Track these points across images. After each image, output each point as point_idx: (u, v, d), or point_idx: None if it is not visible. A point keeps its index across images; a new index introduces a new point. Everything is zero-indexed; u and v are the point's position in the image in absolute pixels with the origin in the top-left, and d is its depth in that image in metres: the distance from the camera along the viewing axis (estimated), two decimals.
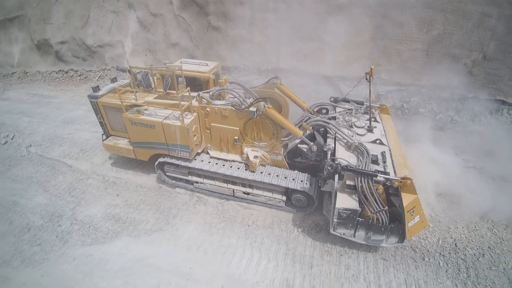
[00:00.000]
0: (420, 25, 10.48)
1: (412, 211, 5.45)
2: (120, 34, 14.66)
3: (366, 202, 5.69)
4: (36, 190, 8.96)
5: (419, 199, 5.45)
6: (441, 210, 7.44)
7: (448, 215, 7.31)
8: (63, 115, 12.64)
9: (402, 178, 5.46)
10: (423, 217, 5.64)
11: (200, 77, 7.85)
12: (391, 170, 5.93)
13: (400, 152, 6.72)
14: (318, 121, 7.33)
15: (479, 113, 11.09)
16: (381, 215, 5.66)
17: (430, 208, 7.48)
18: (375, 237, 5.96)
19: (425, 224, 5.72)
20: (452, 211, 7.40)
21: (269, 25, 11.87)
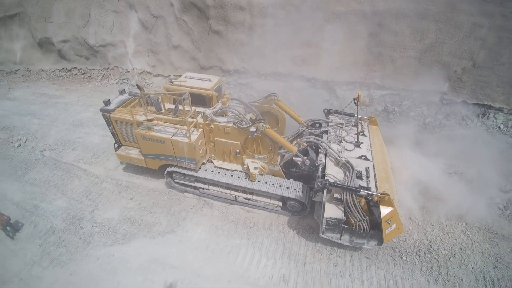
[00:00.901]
0: (414, 34, 10.96)
1: (389, 220, 6.36)
2: (122, 34, 14.91)
3: (350, 213, 6.60)
4: (55, 194, 9.81)
5: (396, 210, 6.34)
6: (420, 214, 8.42)
7: (426, 218, 8.30)
8: (71, 118, 13.24)
9: (381, 194, 6.34)
10: (400, 224, 6.56)
11: (204, 94, 8.46)
12: (373, 185, 6.79)
13: (383, 165, 7.55)
14: (311, 139, 8.04)
15: (466, 117, 11.84)
16: (363, 223, 6.60)
17: (410, 212, 8.45)
18: (357, 240, 6.92)
19: (401, 230, 6.66)
20: (430, 215, 8.39)
21: (268, 31, 12.24)
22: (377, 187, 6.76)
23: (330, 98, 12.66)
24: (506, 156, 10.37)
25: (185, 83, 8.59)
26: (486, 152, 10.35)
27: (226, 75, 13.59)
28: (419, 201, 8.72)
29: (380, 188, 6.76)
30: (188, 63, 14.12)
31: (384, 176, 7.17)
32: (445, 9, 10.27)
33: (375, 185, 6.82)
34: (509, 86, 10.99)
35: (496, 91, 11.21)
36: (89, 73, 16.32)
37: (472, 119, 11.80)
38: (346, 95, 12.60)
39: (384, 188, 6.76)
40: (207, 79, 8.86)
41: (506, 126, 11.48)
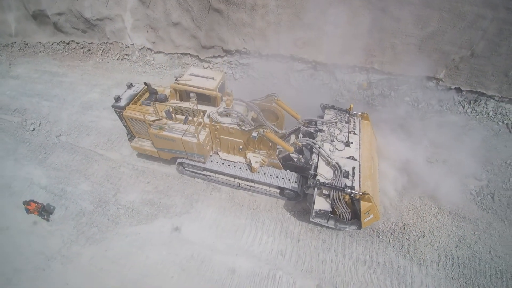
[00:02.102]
0: (416, 21, 10.92)
1: (367, 212, 7.64)
2: (118, 8, 14.37)
3: (336, 206, 7.86)
4: (78, 178, 10.97)
5: (374, 205, 7.53)
6: (399, 200, 9.75)
7: (404, 204, 9.66)
8: (79, 99, 13.70)
9: (362, 193, 7.50)
10: (377, 214, 7.82)
11: (208, 94, 8.98)
12: (358, 183, 7.91)
13: (369, 163, 8.54)
14: (306, 141, 8.84)
15: (458, 103, 12.46)
16: (346, 214, 7.92)
17: (389, 198, 9.75)
18: (341, 225, 8.29)
19: (378, 218, 7.93)
20: (408, 201, 9.73)
21: (270, 12, 12.00)
22: (361, 185, 7.88)
23: (330, 81, 13.04)
24: (487, 144, 11.33)
25: (190, 82, 9.03)
26: (470, 140, 11.24)
27: (228, 55, 13.66)
28: (400, 188, 9.98)
29: (363, 185, 7.88)
30: (189, 41, 14.00)
31: (368, 173, 8.23)
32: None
33: (359, 183, 7.93)
34: (503, 75, 11.37)
35: (491, 79, 11.63)
36: (88, 47, 16.10)
37: (464, 105, 12.42)
38: (345, 78, 12.97)
39: (367, 185, 7.88)
40: (210, 77, 9.22)
41: (495, 113, 12.18)
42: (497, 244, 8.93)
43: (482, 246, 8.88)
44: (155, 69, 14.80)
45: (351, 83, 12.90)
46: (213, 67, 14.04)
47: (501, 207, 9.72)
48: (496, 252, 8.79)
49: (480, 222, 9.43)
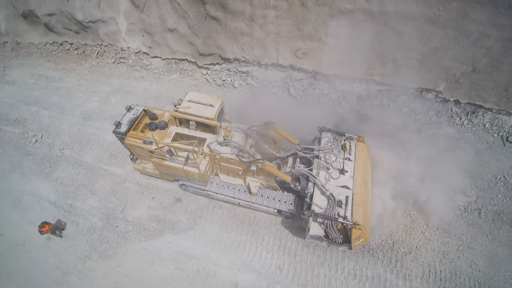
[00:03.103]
0: (420, 37, 10.70)
1: (358, 238, 8.26)
2: (111, 11, 13.75)
3: (329, 232, 8.45)
4: (85, 193, 11.44)
5: (364, 232, 8.10)
6: (389, 218, 10.36)
7: (394, 222, 10.30)
8: (78, 108, 13.69)
9: (353, 223, 8.04)
10: (367, 237, 8.40)
11: (208, 124, 9.10)
12: (350, 212, 8.39)
13: (362, 190, 8.95)
14: (303, 171, 9.12)
15: (456, 115, 12.61)
16: (338, 239, 8.55)
17: (380, 216, 10.32)
18: (333, 246, 8.95)
19: (367, 239, 8.55)
20: (398, 218, 10.35)
21: (270, 22, 11.63)
22: (353, 214, 8.39)
23: (329, 91, 13.02)
24: (480, 158, 11.69)
25: (189, 110, 9.11)
26: (463, 154, 11.56)
27: (226, 63, 13.43)
28: (392, 205, 10.55)
29: (355, 214, 8.39)
30: (186, 48, 13.65)
31: (360, 201, 8.70)
32: (457, 16, 9.83)
33: (351, 212, 8.44)
34: (503, 90, 11.37)
35: (490, 93, 11.66)
36: (82, 48, 15.65)
37: (461, 116, 12.57)
38: (345, 88, 12.95)
39: (359, 214, 8.39)
40: (209, 104, 9.22)
41: (491, 125, 12.37)
42: (478, 258, 9.71)
43: (464, 260, 9.67)
44: (153, 74, 14.59)
45: (351, 93, 12.90)
46: (212, 73, 13.86)
47: (486, 222, 10.38)
48: (476, 266, 9.61)
49: (465, 237, 10.14)
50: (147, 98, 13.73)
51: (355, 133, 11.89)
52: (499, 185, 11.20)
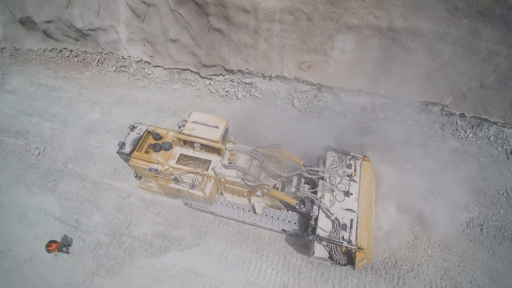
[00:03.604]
0: (428, 53, 10.52)
1: (361, 260, 8.38)
2: (111, 19, 13.41)
3: (333, 254, 8.56)
4: (90, 209, 11.48)
5: (367, 254, 8.22)
6: (393, 234, 10.48)
7: (397, 238, 10.41)
8: (80, 120, 13.55)
9: (358, 247, 8.13)
10: (370, 258, 8.56)
11: (213, 146, 9.06)
12: (354, 235, 8.47)
13: (366, 212, 9.01)
14: (308, 195, 9.14)
15: (461, 128, 12.54)
16: (342, 261, 8.67)
17: (383, 232, 10.42)
18: (337, 265, 9.11)
19: (370, 259, 8.71)
20: (402, 236, 10.44)
21: (274, 35, 11.38)
22: (357, 238, 8.48)
23: (334, 103, 12.90)
24: (484, 173, 11.72)
25: (194, 132, 9.04)
26: (467, 168, 11.57)
27: (230, 74, 13.23)
28: (395, 222, 10.64)
29: (359, 237, 8.47)
30: (189, 58, 13.40)
31: (365, 223, 8.78)
32: (467, 34, 9.64)
33: (356, 235, 8.52)
34: (509, 104, 11.28)
35: (496, 107, 11.57)
36: (83, 55, 15.36)
37: (466, 129, 12.51)
38: (350, 100, 12.82)
39: (363, 237, 8.48)
40: (214, 125, 9.15)
41: (496, 138, 12.34)
42: (478, 274, 9.90)
43: (465, 276, 9.85)
44: (155, 83, 14.38)
45: (355, 105, 12.79)
46: (215, 84, 13.67)
47: (488, 238, 10.52)
48: (476, 281, 9.80)
49: (466, 253, 10.29)
50: (149, 109, 13.59)
51: (360, 147, 11.96)
52: (502, 201, 11.29)
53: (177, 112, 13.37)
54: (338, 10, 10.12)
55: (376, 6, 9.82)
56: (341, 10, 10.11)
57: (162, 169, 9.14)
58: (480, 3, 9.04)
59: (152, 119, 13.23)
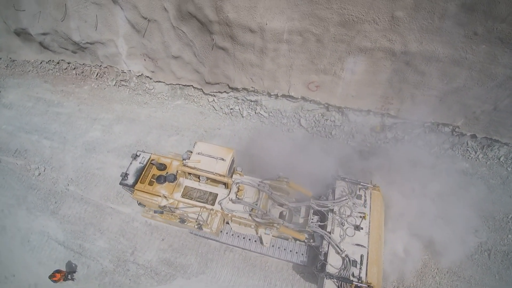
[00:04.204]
0: (442, 76, 10.09)
1: None
2: (109, 33, 12.83)
3: None
4: (94, 233, 11.30)
5: None
6: (402, 263, 10.35)
7: (406, 268, 10.28)
8: (81, 138, 13.18)
9: (368, 285, 7.99)
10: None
11: (220, 180, 8.77)
12: (364, 271, 8.32)
13: (376, 245, 8.82)
14: (317, 231, 8.91)
15: (471, 148, 12.24)
16: None
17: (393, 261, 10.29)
18: None
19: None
20: (411, 263, 10.32)
21: (282, 55, 10.89)
22: (367, 274, 8.33)
23: (342, 122, 12.54)
24: (493, 195, 11.49)
25: (199, 165, 8.74)
26: (476, 191, 11.33)
27: (234, 91, 12.79)
28: (404, 252, 10.46)
29: (369, 273, 8.31)
30: (191, 75, 12.91)
31: (375, 258, 8.61)
32: (484, 59, 9.19)
33: (366, 272, 8.37)
34: None
35: (508, 129, 11.22)
36: (81, 68, 14.82)
37: (476, 150, 12.22)
38: (358, 120, 12.45)
39: (373, 273, 8.33)
40: (220, 157, 8.81)
41: (506, 158, 12.04)
42: None
43: None
44: (156, 99, 13.93)
45: (364, 125, 12.43)
46: (219, 101, 13.24)
47: (495, 263, 10.41)
48: None
49: (473, 279, 10.20)
50: (151, 126, 13.21)
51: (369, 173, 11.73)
52: (510, 225, 11.11)
53: (180, 131, 13.00)
54: (350, 32, 9.61)
55: (390, 30, 9.32)
56: (353, 33, 9.61)
57: (167, 203, 8.89)
58: (500, 30, 8.56)
59: (154, 138, 12.89)
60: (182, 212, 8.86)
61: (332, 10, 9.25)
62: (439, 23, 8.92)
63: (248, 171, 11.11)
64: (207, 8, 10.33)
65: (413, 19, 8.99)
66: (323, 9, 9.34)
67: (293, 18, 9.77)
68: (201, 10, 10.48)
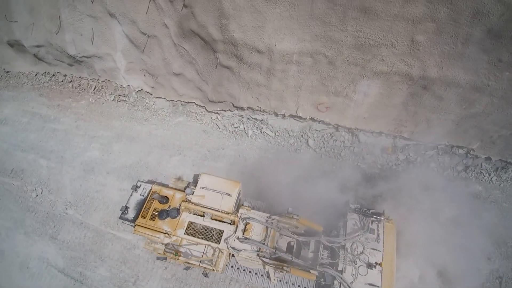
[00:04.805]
0: (461, 102, 9.49)
1: None
2: (106, 47, 12.12)
3: None
4: (95, 261, 10.91)
5: None
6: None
7: None
8: (78, 158, 12.64)
9: None
10: None
11: (226, 218, 8.30)
12: None
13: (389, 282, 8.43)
14: (328, 271, 8.46)
15: (485, 170, 11.72)
16: None
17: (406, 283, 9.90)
18: None
19: None
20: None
21: (291, 76, 10.24)
22: None
23: (352, 143, 11.96)
24: (506, 220, 11.05)
25: (204, 201, 8.26)
26: (489, 216, 10.98)
27: (239, 110, 12.17)
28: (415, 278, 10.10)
29: None
30: (194, 92, 12.26)
31: None
32: (507, 86, 8.57)
33: None
34: None
35: None
36: (78, 81, 14.15)
37: (490, 172, 11.72)
38: (369, 141, 11.88)
39: None
40: (226, 192, 8.34)
41: None
42: None
43: None
44: (157, 115, 13.31)
45: (375, 146, 11.86)
46: (222, 119, 12.64)
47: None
48: None
49: None
50: (152, 145, 12.65)
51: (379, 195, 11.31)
52: None
53: (182, 150, 12.44)
54: (365, 56, 8.94)
55: (409, 54, 8.65)
56: (368, 57, 8.94)
57: (170, 241, 8.44)
58: None
59: (155, 158, 12.35)
60: (186, 250, 8.43)
61: (347, 33, 8.56)
62: (462, 48, 8.25)
63: (253, 195, 10.74)
64: (211, 26, 9.62)
65: (434, 43, 8.32)
66: (337, 31, 8.65)
67: (304, 40, 9.09)
68: (205, 29, 9.78)
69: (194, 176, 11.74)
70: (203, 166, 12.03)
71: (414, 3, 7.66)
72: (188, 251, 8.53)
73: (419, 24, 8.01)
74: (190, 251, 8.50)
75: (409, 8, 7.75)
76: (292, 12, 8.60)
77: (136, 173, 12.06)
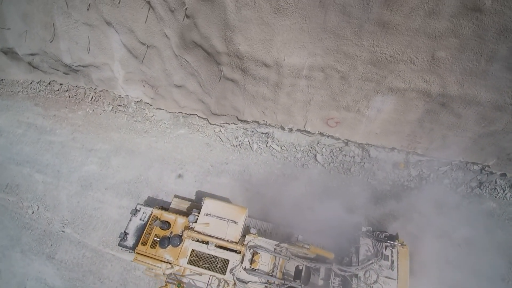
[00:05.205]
0: (480, 120, 8.90)
1: None
2: (103, 56, 11.48)
3: None
4: (94, 282, 10.46)
5: None
6: None
7: None
8: (76, 172, 12.11)
9: None
10: None
11: (232, 248, 7.80)
12: None
13: None
14: None
15: (499, 187, 11.21)
16: None
17: None
18: None
19: None
20: None
21: (299, 91, 9.64)
22: None
23: (362, 159, 11.41)
24: None
25: (208, 229, 7.75)
26: (503, 234, 10.58)
27: (244, 123, 11.58)
28: None
29: None
30: (196, 104, 11.66)
31: None
32: None
33: None
34: None
35: None
36: (74, 90, 13.53)
37: (504, 188, 11.20)
38: (380, 156, 11.31)
39: None
40: (231, 219, 7.83)
41: None
42: None
43: None
44: (157, 127, 12.72)
45: (386, 161, 11.30)
46: (226, 131, 12.06)
47: None
48: None
49: None
50: (152, 159, 12.10)
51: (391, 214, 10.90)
52: None
53: (183, 165, 11.90)
54: (382, 72, 8.33)
55: (428, 71, 8.04)
56: (385, 73, 8.33)
57: (172, 271, 7.94)
58: None
59: (155, 173, 11.81)
60: (189, 281, 7.93)
61: (363, 48, 7.94)
62: (486, 66, 7.64)
63: (259, 214, 10.23)
64: (214, 38, 8.99)
65: (456, 60, 7.70)
66: (351, 46, 8.02)
67: (315, 54, 8.46)
68: (208, 40, 9.15)
69: (197, 193, 11.24)
70: (206, 182, 11.52)
71: (437, 18, 7.03)
72: (191, 282, 8.04)
73: (441, 39, 7.39)
74: (194, 282, 8.01)
75: (431, 22, 7.12)
76: (303, 25, 7.97)
77: (136, 189, 11.55)
